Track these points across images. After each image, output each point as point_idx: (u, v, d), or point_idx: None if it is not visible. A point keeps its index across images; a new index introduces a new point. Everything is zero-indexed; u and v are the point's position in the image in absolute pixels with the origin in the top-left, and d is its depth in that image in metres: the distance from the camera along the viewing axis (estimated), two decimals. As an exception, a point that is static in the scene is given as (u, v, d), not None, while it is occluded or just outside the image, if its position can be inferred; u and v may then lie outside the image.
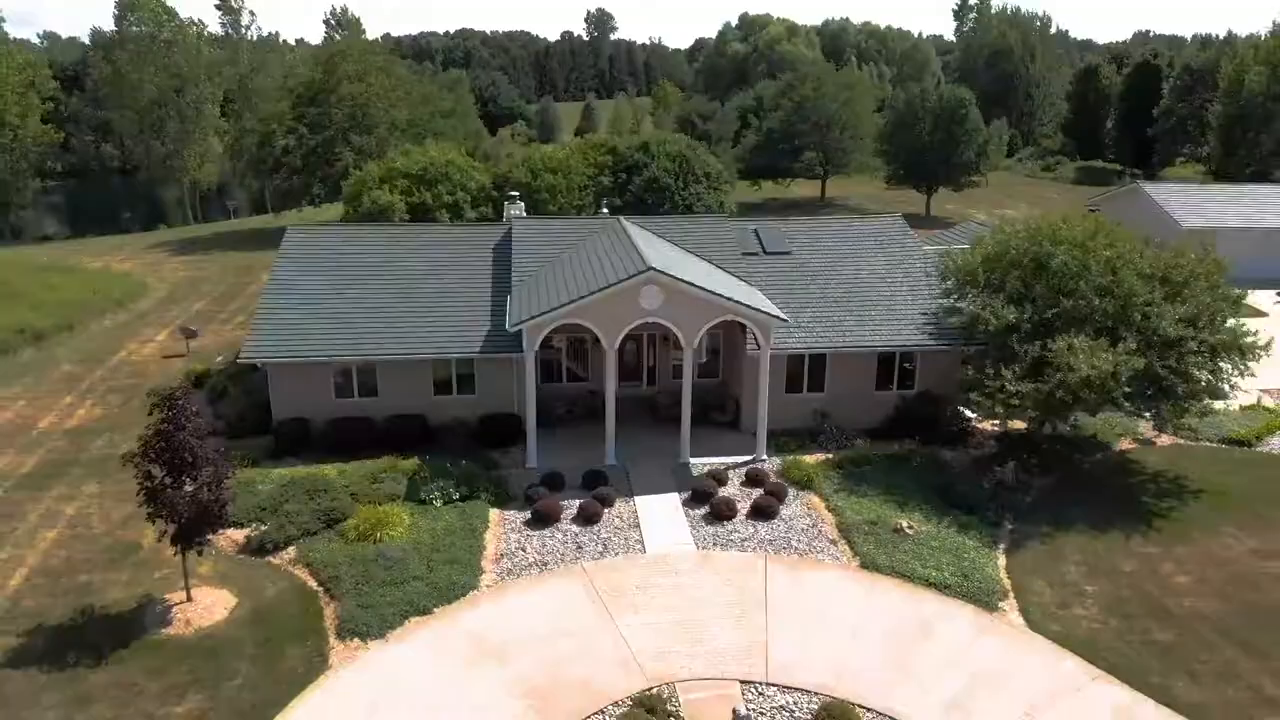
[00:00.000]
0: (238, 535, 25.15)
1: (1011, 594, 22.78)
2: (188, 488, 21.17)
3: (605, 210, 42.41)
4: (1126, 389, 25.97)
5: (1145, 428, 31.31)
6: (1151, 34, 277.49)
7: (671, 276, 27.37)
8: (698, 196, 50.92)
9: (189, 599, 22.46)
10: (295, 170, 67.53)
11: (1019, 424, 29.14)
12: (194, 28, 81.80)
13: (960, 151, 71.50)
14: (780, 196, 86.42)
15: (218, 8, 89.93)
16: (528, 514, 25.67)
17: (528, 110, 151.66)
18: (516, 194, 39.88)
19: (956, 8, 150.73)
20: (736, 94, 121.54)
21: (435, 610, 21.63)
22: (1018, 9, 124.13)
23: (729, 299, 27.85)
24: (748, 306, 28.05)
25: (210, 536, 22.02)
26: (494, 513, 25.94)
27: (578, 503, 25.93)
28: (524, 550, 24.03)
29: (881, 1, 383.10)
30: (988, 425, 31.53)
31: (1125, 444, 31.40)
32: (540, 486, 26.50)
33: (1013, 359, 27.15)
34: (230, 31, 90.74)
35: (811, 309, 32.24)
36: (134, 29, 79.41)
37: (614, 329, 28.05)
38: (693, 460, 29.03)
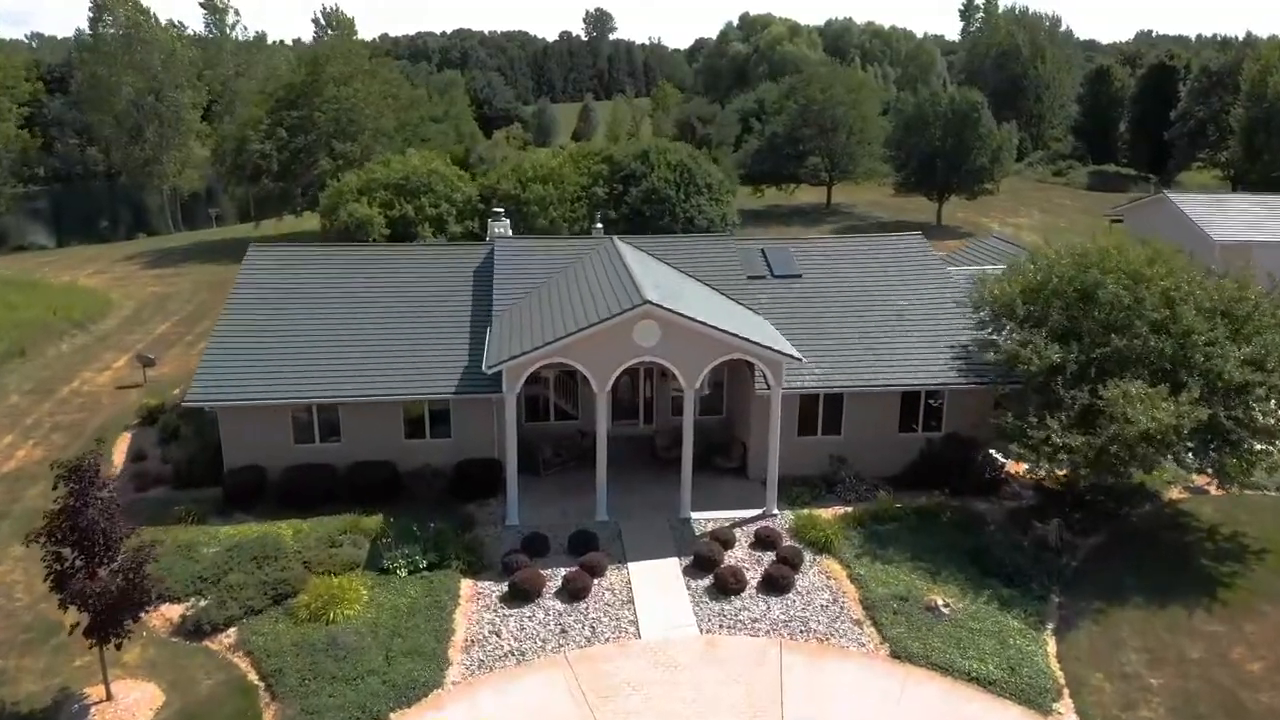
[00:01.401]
0: (173, 611, 21.95)
1: (1066, 691, 19.56)
2: (102, 573, 18.01)
3: (599, 226, 39.18)
4: (1189, 444, 22.77)
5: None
6: (1155, 34, 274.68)
7: (670, 311, 24.13)
8: (699, 209, 47.67)
9: (109, 697, 19.29)
10: (274, 177, 64.23)
11: (1060, 471, 25.89)
12: (173, 30, 78.53)
13: (973, 158, 68.21)
14: (784, 203, 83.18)
15: (202, 6, 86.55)
16: (505, 586, 22.40)
17: (524, 112, 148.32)
18: (501, 210, 36.64)
19: (963, 8, 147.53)
20: (737, 95, 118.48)
21: (392, 716, 18.40)
22: (1026, 9, 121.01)
23: (735, 336, 24.61)
24: (756, 344, 24.79)
25: (131, 626, 18.79)
26: (466, 584, 22.67)
27: (563, 573, 22.70)
28: (499, 635, 20.76)
29: (884, 1, 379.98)
30: (1022, 469, 28.27)
31: (1175, 492, 28.19)
32: (520, 553, 23.22)
33: (1057, 405, 23.91)
34: (214, 31, 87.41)
35: (825, 340, 29.00)
36: (109, 31, 76.05)
37: (605, 369, 24.83)
38: (694, 515, 25.78)
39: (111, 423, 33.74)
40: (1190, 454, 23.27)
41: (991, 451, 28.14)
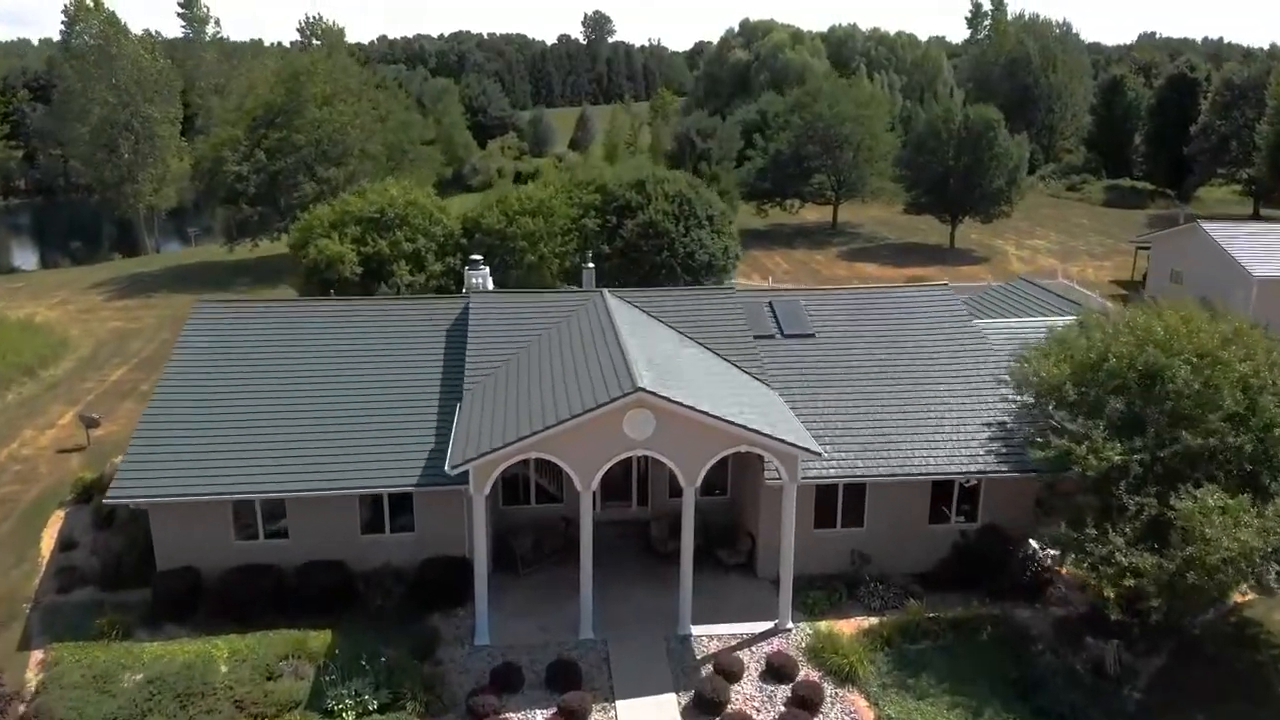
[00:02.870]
0: (77, 769, 18.46)
1: None
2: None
3: (590, 266, 35.75)
4: (1277, 563, 19.29)
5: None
6: (1158, 36, 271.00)
7: (667, 399, 20.62)
8: (699, 242, 44.11)
9: None
10: (251, 201, 60.71)
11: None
12: (149, 40, 74.90)
13: (988, 178, 64.61)
14: (788, 222, 79.63)
15: (180, 15, 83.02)
16: (469, 736, 18.91)
17: (521, 119, 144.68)
18: (479, 258, 33.07)
19: (970, 15, 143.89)
20: (738, 104, 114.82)
21: None
22: (1036, 15, 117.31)
23: (744, 428, 21.05)
24: (769, 436, 21.25)
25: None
26: (425, 732, 19.19)
27: (540, 717, 19.19)
28: (459, 812, 17.27)
29: (886, 2, 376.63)
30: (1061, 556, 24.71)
31: (1239, 594, 24.64)
32: (488, 693, 19.65)
33: (1119, 512, 20.39)
34: (191, 35, 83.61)
35: (845, 417, 25.47)
36: (83, 41, 72.46)
37: (590, 465, 21.31)
38: (695, 632, 22.25)
39: (47, 497, 30.27)
40: (1276, 575, 19.72)
41: (1033, 542, 24.67)
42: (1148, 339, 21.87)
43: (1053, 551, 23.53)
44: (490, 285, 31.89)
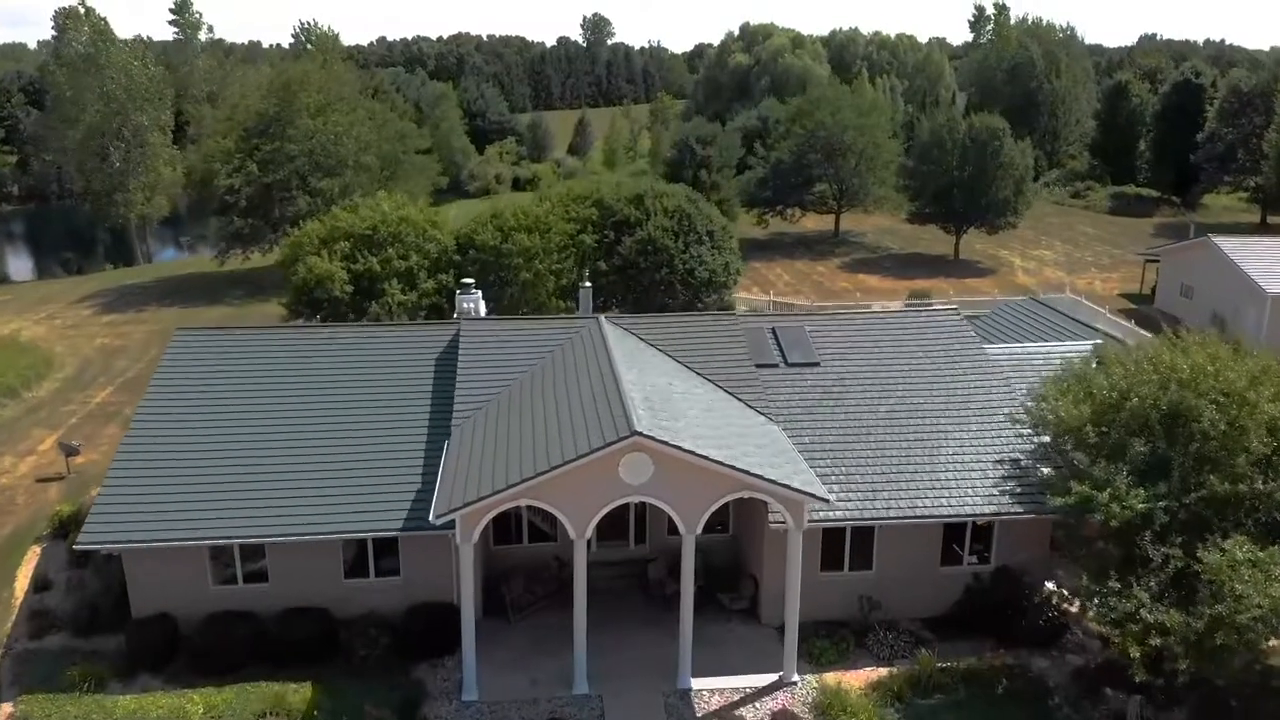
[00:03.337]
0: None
1: None
2: None
3: (588, 285, 34.75)
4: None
5: None
6: (1159, 37, 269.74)
7: (665, 443, 19.52)
8: (699, 259, 42.99)
9: None
10: (242, 213, 59.58)
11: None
12: (141, 46, 73.72)
13: (994, 189, 63.46)
14: (789, 231, 78.49)
15: (172, 22, 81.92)
16: (456, 808, 17.82)
17: (519, 123, 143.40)
18: (470, 281, 31.95)
19: (973, 19, 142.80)
20: (739, 108, 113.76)
21: None
22: (1040, 19, 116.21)
23: (747, 473, 19.95)
24: (774, 482, 20.13)
25: None
26: (408, 802, 18.09)
27: (529, 784, 18.13)
28: None
29: (887, 5, 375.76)
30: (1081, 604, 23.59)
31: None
32: (476, 759, 18.62)
33: (1144, 563, 19.27)
34: (182, 38, 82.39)
35: (852, 452, 24.35)
36: (73, 48, 71.27)
37: (584, 513, 20.21)
38: (695, 685, 21.14)
39: (23, 531, 29.22)
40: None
41: (1049, 585, 23.55)
42: (1171, 376, 20.75)
43: (1067, 592, 22.44)
44: (482, 310, 30.82)
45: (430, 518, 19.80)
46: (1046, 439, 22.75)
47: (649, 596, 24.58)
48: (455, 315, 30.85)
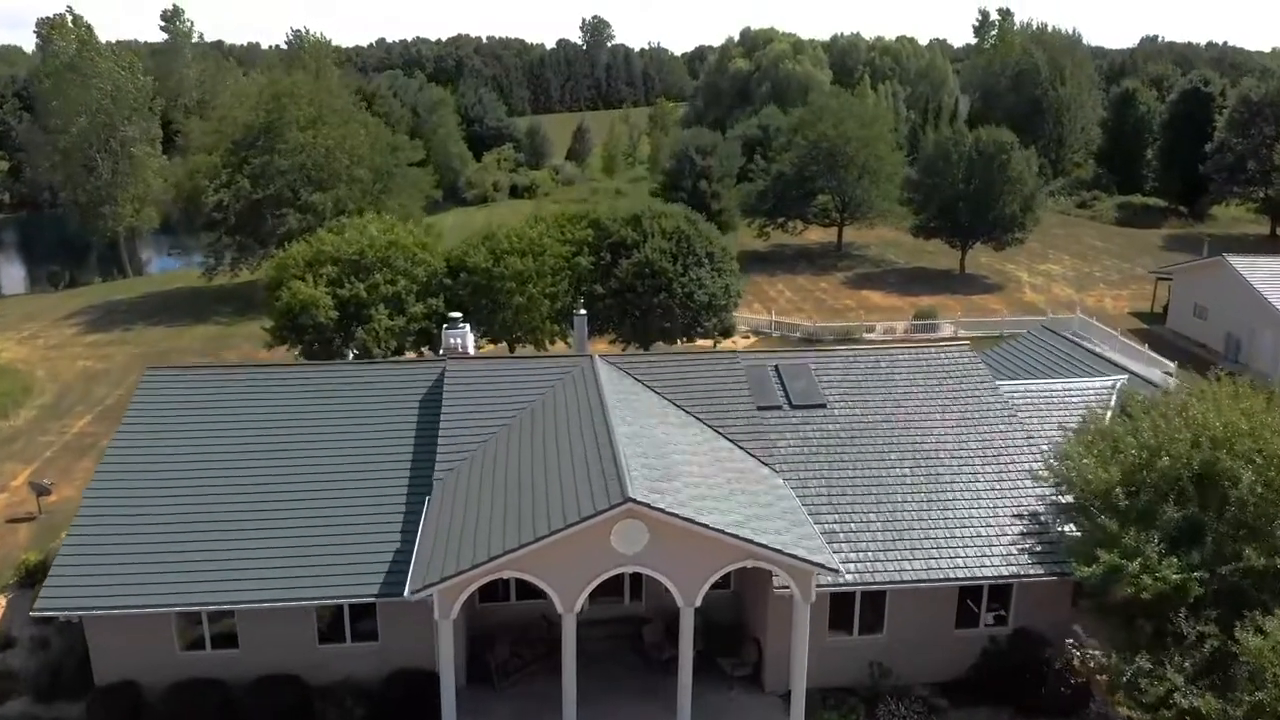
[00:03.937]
0: None
1: None
2: None
3: (582, 312, 33.45)
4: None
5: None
6: (1160, 40, 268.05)
7: (662, 510, 18.10)
8: (699, 282, 41.55)
9: None
10: (230, 230, 58.15)
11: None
12: (129, 55, 72.18)
13: (1001, 204, 61.97)
14: (791, 243, 76.96)
15: (163, 28, 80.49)
16: None
17: (518, 129, 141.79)
18: (458, 315, 30.56)
19: (977, 25, 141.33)
20: (739, 114, 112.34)
21: None
22: (1044, 25, 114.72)
23: (751, 542, 18.54)
24: (779, 551, 18.70)
25: None
26: None
27: None
28: None
29: (888, 4, 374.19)
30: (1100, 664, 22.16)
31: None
32: None
33: (1177, 639, 17.86)
34: (173, 41, 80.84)
35: (861, 507, 22.90)
36: (59, 58, 69.74)
37: (573, 585, 18.79)
38: (693, 764, 19.77)
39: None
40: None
41: (1069, 643, 22.12)
42: (1204, 433, 19.33)
43: (1093, 664, 21.01)
44: (470, 346, 29.37)
45: (405, 593, 18.35)
46: (1071, 499, 21.29)
47: (644, 659, 23.12)
48: (441, 352, 29.41)
